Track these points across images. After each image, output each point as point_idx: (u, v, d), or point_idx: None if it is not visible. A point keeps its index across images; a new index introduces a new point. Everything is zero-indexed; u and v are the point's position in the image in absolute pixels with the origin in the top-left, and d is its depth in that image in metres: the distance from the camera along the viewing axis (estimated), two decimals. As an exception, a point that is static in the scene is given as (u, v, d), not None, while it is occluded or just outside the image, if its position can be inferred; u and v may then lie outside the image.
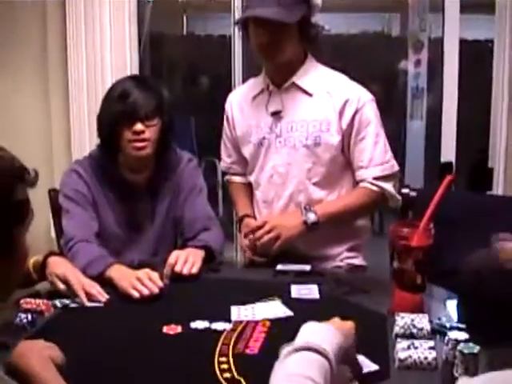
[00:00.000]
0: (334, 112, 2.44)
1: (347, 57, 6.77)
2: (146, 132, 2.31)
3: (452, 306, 1.94)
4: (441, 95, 3.71)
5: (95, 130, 2.46)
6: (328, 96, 2.46)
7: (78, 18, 3.49)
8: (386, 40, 7.07)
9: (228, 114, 2.67)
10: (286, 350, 1.28)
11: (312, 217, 2.39)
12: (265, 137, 2.53)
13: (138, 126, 2.29)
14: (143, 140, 2.31)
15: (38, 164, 3.95)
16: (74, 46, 3.52)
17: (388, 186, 2.46)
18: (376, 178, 2.45)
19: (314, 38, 2.48)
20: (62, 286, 2.03)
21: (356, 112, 2.43)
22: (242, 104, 2.63)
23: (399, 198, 2.51)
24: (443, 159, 3.59)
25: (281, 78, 2.50)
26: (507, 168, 3.42)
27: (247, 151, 2.61)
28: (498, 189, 3.43)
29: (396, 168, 2.50)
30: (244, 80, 3.74)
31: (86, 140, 3.51)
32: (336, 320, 1.47)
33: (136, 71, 3.57)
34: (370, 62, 6.81)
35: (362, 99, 2.45)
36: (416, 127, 6.26)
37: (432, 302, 2.06)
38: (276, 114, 2.51)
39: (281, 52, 2.40)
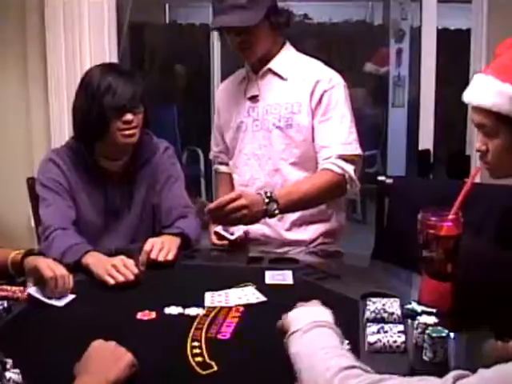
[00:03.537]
0: (305, 93, 2.49)
1: (330, 45, 6.80)
2: (134, 120, 2.33)
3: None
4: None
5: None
6: (301, 79, 2.53)
7: (57, 7, 3.46)
8: (369, 29, 7.08)
9: (216, 105, 2.75)
10: (295, 334, 1.36)
11: (273, 207, 2.30)
12: (242, 121, 2.60)
13: (129, 116, 2.31)
14: (133, 128, 2.34)
15: (17, 153, 3.94)
16: (53, 35, 3.48)
17: (349, 169, 2.43)
18: (338, 158, 2.43)
19: (285, 25, 2.53)
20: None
21: (324, 92, 2.48)
22: (226, 93, 2.71)
23: (358, 184, 2.48)
24: (421, 147, 3.62)
25: (259, 66, 2.57)
26: (484, 156, 3.43)
27: (228, 137, 2.67)
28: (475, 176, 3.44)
29: (358, 152, 2.48)
30: (222, 70, 3.76)
31: (65, 129, 3.48)
32: (299, 304, 1.51)
33: (115, 60, 3.54)
34: (353, 51, 6.84)
35: (332, 81, 2.50)
36: (398, 115, 6.31)
37: (404, 286, 2.09)
38: (253, 99, 2.58)
39: (254, 49, 2.49)
